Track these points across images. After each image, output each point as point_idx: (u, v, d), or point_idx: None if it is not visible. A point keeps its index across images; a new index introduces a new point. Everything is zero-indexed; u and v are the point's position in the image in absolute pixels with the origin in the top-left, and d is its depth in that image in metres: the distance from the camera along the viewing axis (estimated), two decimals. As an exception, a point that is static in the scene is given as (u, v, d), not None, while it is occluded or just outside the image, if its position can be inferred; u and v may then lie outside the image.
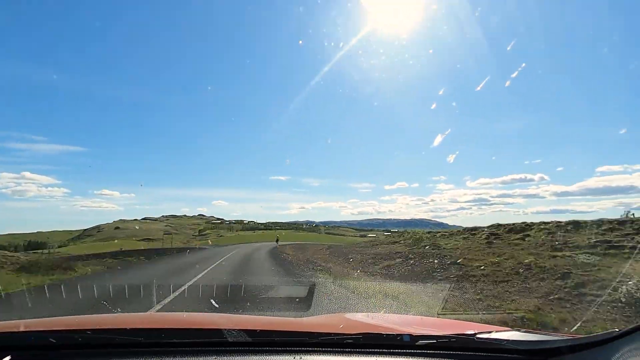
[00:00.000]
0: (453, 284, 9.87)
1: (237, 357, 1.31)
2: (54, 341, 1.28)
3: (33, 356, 1.23)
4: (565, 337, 1.52)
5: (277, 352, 1.37)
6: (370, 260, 16.19)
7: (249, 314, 6.60)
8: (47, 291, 9.07)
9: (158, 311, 6.66)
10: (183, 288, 9.26)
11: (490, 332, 1.59)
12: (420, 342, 1.49)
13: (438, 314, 7.59)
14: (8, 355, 1.19)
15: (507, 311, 8.96)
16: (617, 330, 1.39)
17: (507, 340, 1.52)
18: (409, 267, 13.21)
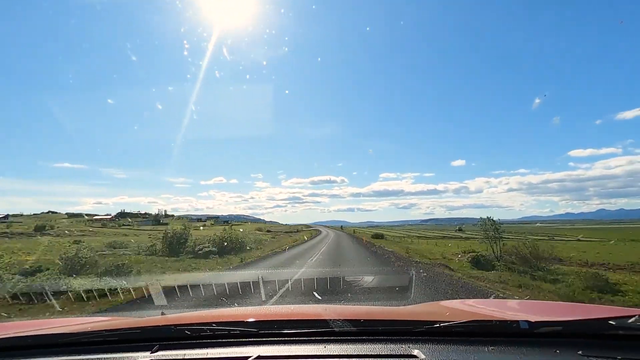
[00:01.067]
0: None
1: (344, 346, 1.35)
2: (189, 333, 1.48)
3: (173, 347, 1.45)
4: None
5: (383, 342, 1.37)
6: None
7: (348, 304, 6.75)
8: None
9: None
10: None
11: (631, 316, 1.34)
12: (542, 329, 1.33)
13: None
14: (156, 345, 1.43)
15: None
16: None
17: None
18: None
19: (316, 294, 7.98)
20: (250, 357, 1.29)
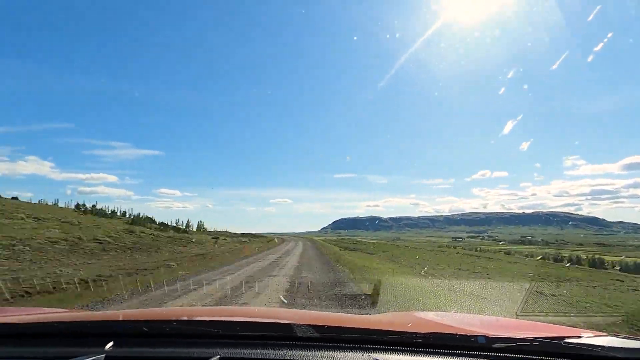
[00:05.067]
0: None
1: (306, 352, 1.34)
2: (147, 330, 1.43)
3: (130, 343, 1.40)
4: None
5: (345, 349, 1.37)
6: None
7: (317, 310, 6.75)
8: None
9: None
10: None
11: (580, 336, 1.42)
12: (498, 344, 1.38)
13: (517, 315, 7.04)
14: (111, 342, 1.37)
15: (598, 314, 7.97)
16: None
17: (603, 347, 1.35)
18: None
19: (282, 298, 7.92)
20: (210, 358, 1.27)
